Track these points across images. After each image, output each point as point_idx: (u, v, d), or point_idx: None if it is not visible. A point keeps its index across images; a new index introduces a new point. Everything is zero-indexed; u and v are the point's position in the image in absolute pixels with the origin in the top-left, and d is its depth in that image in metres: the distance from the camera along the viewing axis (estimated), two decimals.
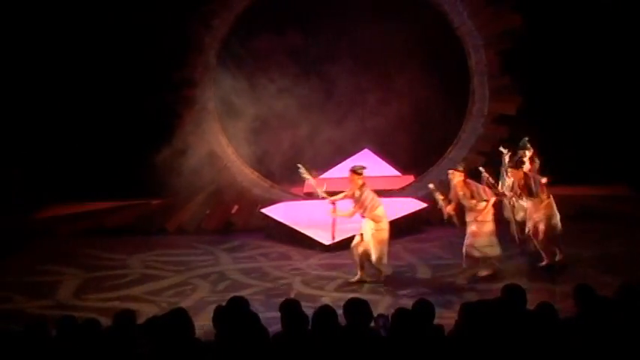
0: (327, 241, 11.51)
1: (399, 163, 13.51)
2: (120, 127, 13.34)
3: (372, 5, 13.29)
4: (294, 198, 13.08)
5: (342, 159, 13.24)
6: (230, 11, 13.57)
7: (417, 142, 13.25)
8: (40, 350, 5.59)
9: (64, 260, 11.80)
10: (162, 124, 13.09)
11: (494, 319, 5.50)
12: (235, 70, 13.12)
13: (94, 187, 13.49)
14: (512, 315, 5.62)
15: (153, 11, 12.92)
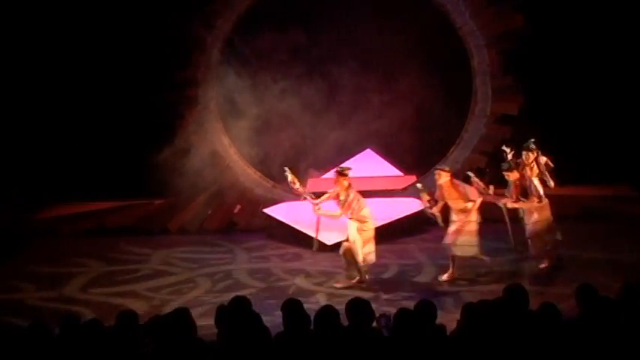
0: (329, 241, 11.50)
1: (401, 162, 13.49)
2: (122, 126, 13.34)
3: (374, 5, 13.29)
4: (296, 198, 13.06)
5: (344, 159, 13.22)
6: (232, 11, 13.59)
7: (420, 142, 13.24)
8: (43, 350, 5.60)
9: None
10: (164, 124, 13.11)
11: (496, 319, 5.50)
12: (238, 70, 13.12)
13: (96, 187, 13.48)
14: (514, 315, 5.62)
15: (155, 11, 12.93)
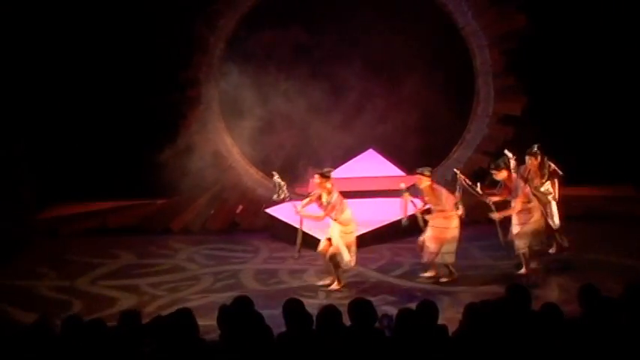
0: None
1: (403, 163, 13.49)
2: (124, 126, 13.34)
3: (376, 5, 13.29)
4: (298, 198, 13.05)
5: (347, 159, 13.23)
6: (235, 11, 13.58)
7: (422, 142, 13.21)
8: (45, 349, 5.60)
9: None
10: (166, 124, 13.11)
11: (498, 319, 5.50)
12: (240, 70, 13.12)
13: (98, 187, 13.49)
14: (516, 315, 5.61)
15: (158, 11, 12.94)
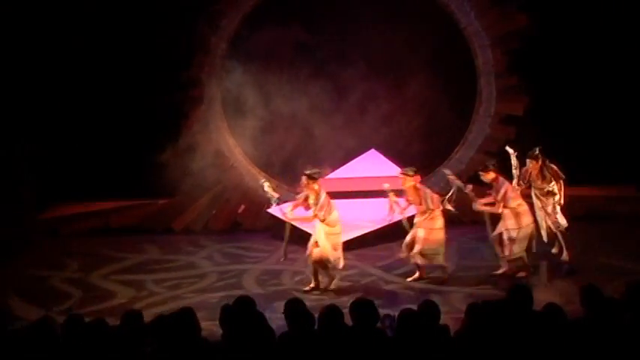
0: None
1: (405, 163, 13.47)
2: (126, 126, 13.34)
3: (378, 5, 13.28)
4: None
5: (348, 159, 13.22)
6: (237, 11, 13.59)
7: (424, 142, 13.22)
8: (47, 349, 5.60)
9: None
10: (168, 123, 13.12)
11: (500, 319, 5.49)
12: (242, 70, 13.12)
13: (99, 187, 13.50)
14: (518, 315, 5.61)
15: (160, 11, 12.94)
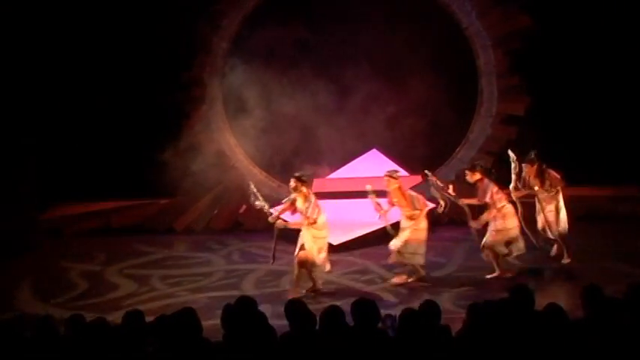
0: (334, 242, 11.49)
1: (406, 163, 13.49)
2: (128, 126, 13.35)
3: (379, 5, 13.29)
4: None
5: (349, 159, 13.22)
6: (238, 11, 13.59)
7: (425, 142, 13.21)
8: (49, 349, 5.60)
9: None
10: (170, 123, 13.12)
11: (501, 319, 5.49)
12: (244, 70, 13.13)
13: (101, 187, 13.51)
14: (520, 315, 5.60)
15: (161, 11, 12.95)
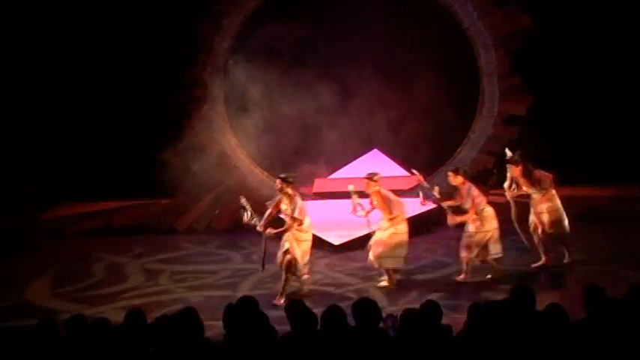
0: (336, 242, 11.49)
1: (407, 163, 13.49)
2: (129, 126, 13.37)
3: (381, 5, 13.29)
4: (302, 198, 13.04)
5: (350, 159, 13.22)
6: (240, 11, 13.60)
7: (427, 142, 13.22)
8: (50, 349, 5.60)
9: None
10: (171, 123, 13.13)
11: (503, 319, 5.49)
12: (245, 70, 13.14)
13: (103, 187, 13.51)
14: (521, 316, 5.60)
15: (163, 11, 12.95)
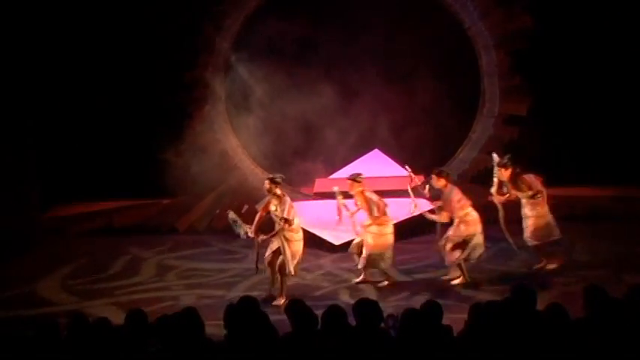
0: (336, 241, 11.50)
1: (408, 162, 13.49)
2: (130, 126, 13.38)
3: (381, 5, 13.30)
4: (304, 198, 13.08)
5: (352, 159, 13.23)
6: (241, 11, 13.61)
7: (427, 142, 13.23)
8: (51, 349, 5.61)
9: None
10: (172, 123, 13.14)
11: (503, 319, 5.49)
12: (246, 70, 13.14)
13: (104, 187, 13.52)
14: (522, 315, 5.61)
15: (164, 11, 12.96)
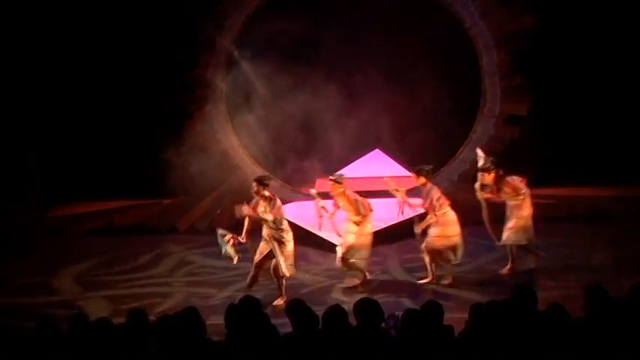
0: (336, 241, 11.49)
1: (409, 163, 13.50)
2: (131, 126, 13.39)
3: (382, 5, 13.30)
4: (305, 197, 13.08)
5: (353, 159, 13.22)
6: (242, 11, 13.61)
7: (428, 142, 13.23)
8: (52, 348, 5.61)
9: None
10: (173, 123, 13.14)
11: (504, 319, 5.49)
12: (247, 70, 13.14)
13: (105, 187, 13.53)
14: (522, 316, 5.61)
15: (165, 11, 12.97)
